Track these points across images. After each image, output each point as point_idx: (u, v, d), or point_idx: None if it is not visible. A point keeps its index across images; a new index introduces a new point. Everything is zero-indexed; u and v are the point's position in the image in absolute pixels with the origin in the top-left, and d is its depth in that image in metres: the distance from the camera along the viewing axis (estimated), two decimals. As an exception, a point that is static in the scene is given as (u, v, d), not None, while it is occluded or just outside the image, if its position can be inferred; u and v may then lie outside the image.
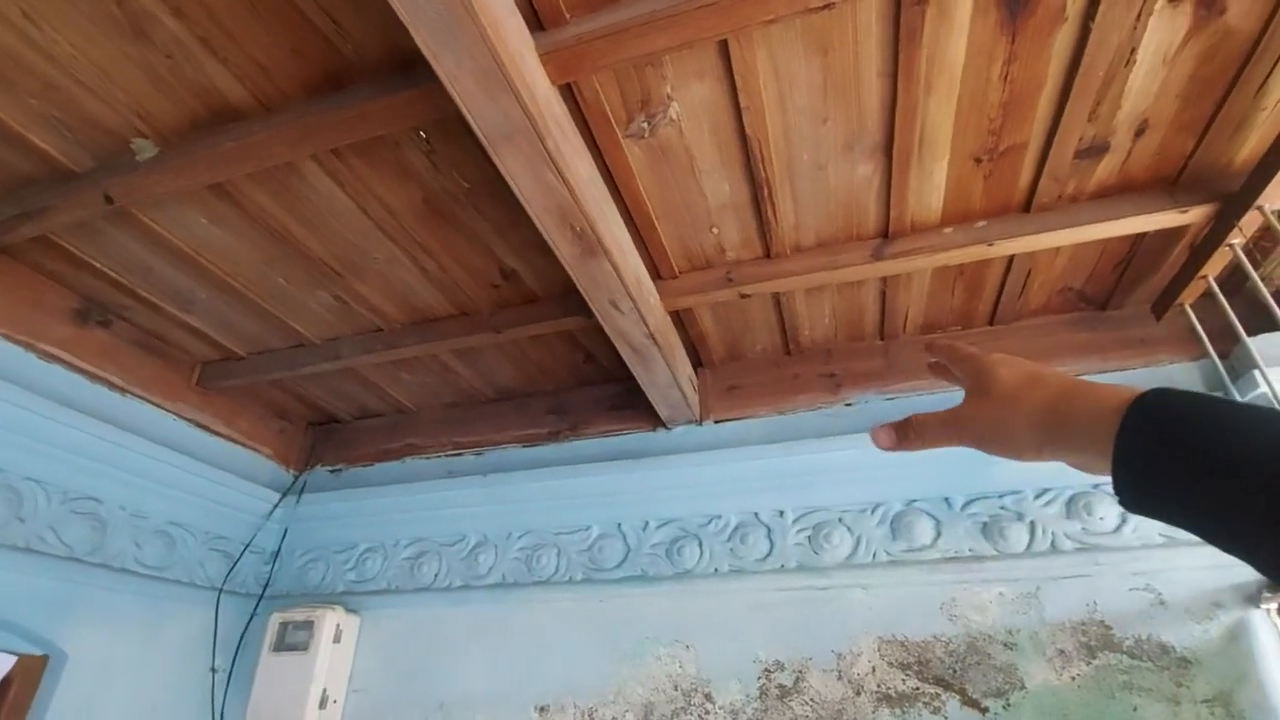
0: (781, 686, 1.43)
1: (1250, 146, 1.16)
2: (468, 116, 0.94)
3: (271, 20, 0.98)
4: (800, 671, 1.43)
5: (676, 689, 1.49)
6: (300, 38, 1.00)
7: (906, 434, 0.52)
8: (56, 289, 1.55)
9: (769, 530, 1.57)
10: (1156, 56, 1.03)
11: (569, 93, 1.07)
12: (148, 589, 1.65)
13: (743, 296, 1.47)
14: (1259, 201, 1.15)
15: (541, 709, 1.56)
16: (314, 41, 1.01)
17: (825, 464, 1.56)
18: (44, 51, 1.05)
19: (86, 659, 1.50)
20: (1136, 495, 0.38)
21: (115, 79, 1.08)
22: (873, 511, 1.51)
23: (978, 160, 1.21)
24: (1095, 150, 1.18)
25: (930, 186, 1.26)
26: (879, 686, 1.37)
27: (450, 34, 0.82)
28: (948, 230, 1.33)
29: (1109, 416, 0.38)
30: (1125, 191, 1.26)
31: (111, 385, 1.65)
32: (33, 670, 1.46)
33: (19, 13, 0.99)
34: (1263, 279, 1.25)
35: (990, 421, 0.47)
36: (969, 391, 0.51)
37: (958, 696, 1.32)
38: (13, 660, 1.44)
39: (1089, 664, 1.28)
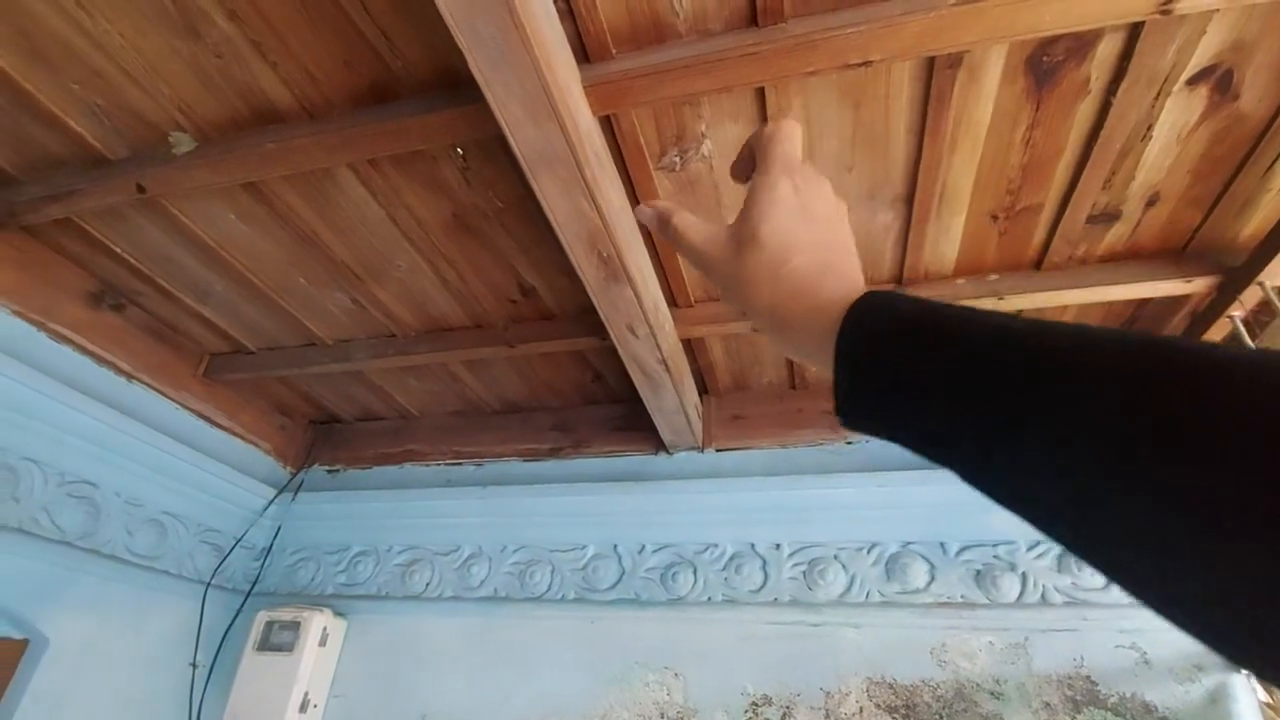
0: (768, 720, 1.43)
1: (1255, 224, 1.20)
2: (511, 140, 0.96)
3: (327, 32, 1.01)
4: (788, 707, 1.43)
5: (663, 716, 1.48)
6: (353, 51, 1.03)
7: (665, 229, 0.45)
8: (74, 270, 1.56)
9: (764, 562, 1.58)
10: (1171, 134, 1.07)
11: (607, 123, 1.10)
12: (136, 578, 1.63)
13: (755, 330, 1.50)
14: (1260, 277, 1.19)
15: (524, 727, 1.55)
16: (365, 55, 1.03)
17: (824, 500, 1.58)
18: (93, 39, 1.06)
19: (68, 645, 1.48)
20: (856, 402, 0.32)
21: (161, 72, 1.10)
22: (868, 551, 1.53)
23: (994, 217, 1.25)
24: (1107, 217, 1.23)
25: (947, 239, 1.30)
26: (865, 727, 1.38)
27: (505, 62, 0.85)
28: (960, 281, 1.37)
29: (827, 330, 0.33)
30: (1133, 258, 1.30)
31: (118, 370, 1.64)
32: (10, 654, 1.43)
33: (73, 1, 1.01)
34: (1260, 352, 1.29)
35: (732, 286, 0.41)
36: (741, 214, 0.42)
37: (942, 742, 1.33)
38: (-9, 643, 1.42)
39: (1073, 719, 1.29)
